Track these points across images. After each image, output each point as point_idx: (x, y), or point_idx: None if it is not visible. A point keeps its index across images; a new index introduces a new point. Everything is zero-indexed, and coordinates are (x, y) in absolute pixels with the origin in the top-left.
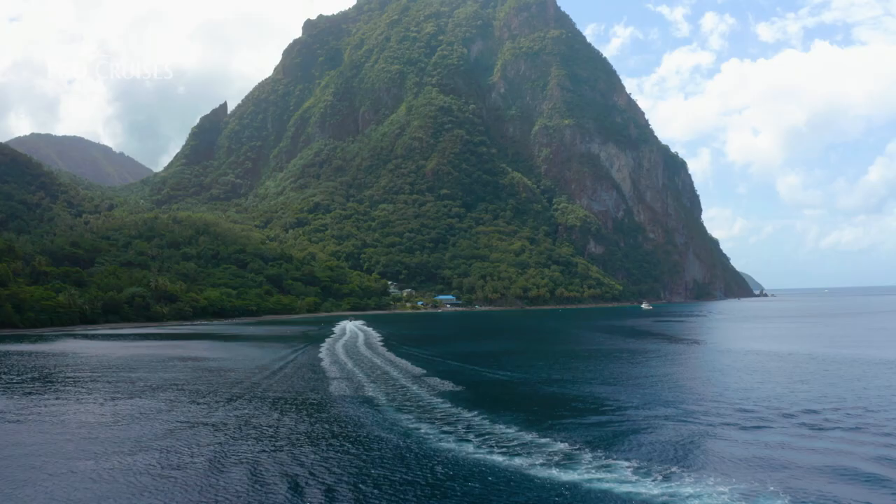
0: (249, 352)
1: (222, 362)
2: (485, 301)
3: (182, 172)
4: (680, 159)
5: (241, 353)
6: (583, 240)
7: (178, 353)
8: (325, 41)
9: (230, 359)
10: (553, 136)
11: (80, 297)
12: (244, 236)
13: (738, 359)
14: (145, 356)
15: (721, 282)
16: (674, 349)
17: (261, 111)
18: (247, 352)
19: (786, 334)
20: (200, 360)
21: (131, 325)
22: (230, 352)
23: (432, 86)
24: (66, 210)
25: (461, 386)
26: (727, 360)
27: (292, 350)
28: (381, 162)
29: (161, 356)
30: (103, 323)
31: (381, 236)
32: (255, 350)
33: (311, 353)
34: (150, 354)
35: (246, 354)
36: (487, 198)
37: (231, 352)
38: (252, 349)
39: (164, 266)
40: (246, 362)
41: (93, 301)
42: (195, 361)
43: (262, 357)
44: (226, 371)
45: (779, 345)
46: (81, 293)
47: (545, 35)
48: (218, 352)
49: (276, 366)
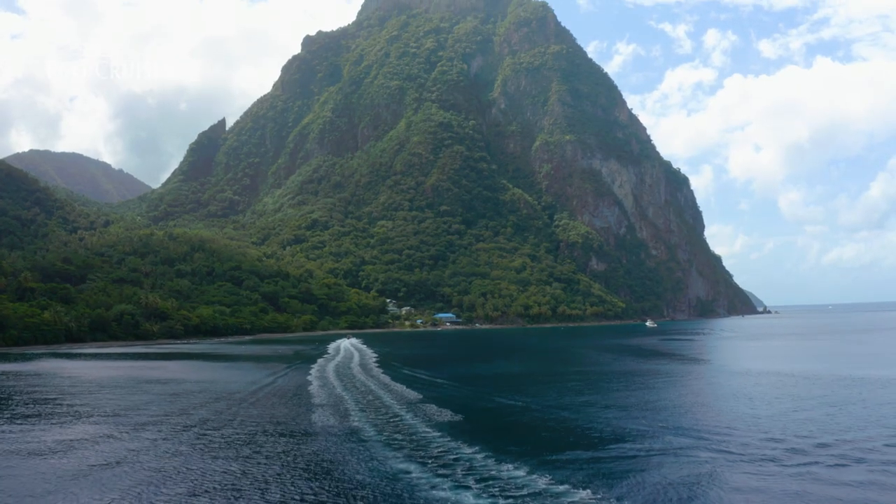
0: (233, 373)
1: (200, 385)
2: (485, 319)
3: (179, 189)
4: (682, 175)
5: (224, 374)
6: (584, 257)
7: (157, 375)
8: (324, 57)
9: (209, 381)
10: (554, 151)
11: (67, 314)
12: (240, 253)
13: (758, 381)
14: (121, 378)
15: (724, 299)
16: (687, 370)
17: (259, 127)
18: (230, 373)
19: (802, 353)
20: (178, 382)
21: (119, 343)
22: (213, 373)
23: (432, 101)
24: (60, 226)
25: (460, 415)
26: (747, 382)
27: (279, 371)
28: (380, 178)
29: (137, 378)
30: (90, 341)
31: (380, 253)
32: (240, 371)
33: (299, 374)
34: (127, 376)
35: (229, 376)
36: (488, 214)
37: (214, 373)
38: (237, 370)
39: (158, 283)
40: (226, 385)
41: (79, 318)
42: (171, 384)
43: (245, 379)
44: (199, 394)
45: (799, 365)
46: (68, 310)
47: (545, 50)
48: (200, 373)
49: (258, 389)
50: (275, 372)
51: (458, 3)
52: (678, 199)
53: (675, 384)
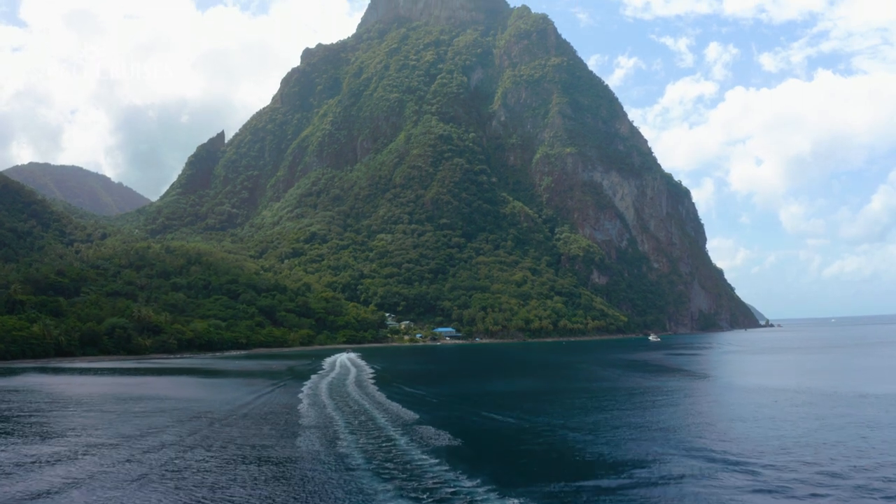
0: (220, 390)
1: (180, 402)
2: (485, 333)
3: (178, 202)
4: (683, 188)
5: (210, 391)
6: (586, 270)
7: (142, 391)
8: (323, 70)
9: (191, 398)
10: (555, 164)
11: (56, 327)
12: (237, 266)
13: (776, 398)
14: (101, 395)
15: (727, 312)
16: (699, 387)
17: (258, 140)
18: (217, 390)
19: (814, 368)
20: (158, 400)
21: (110, 358)
22: (197, 390)
23: (432, 114)
24: (57, 239)
25: (460, 439)
26: (764, 400)
27: (269, 388)
28: (379, 191)
29: (118, 395)
30: (80, 356)
31: (379, 267)
32: (228, 388)
33: (289, 392)
34: (109, 393)
35: (214, 393)
36: (488, 227)
37: (198, 390)
38: (224, 387)
39: (152, 296)
40: (208, 402)
41: (69, 332)
42: (151, 401)
43: (231, 396)
44: (175, 412)
45: (814, 380)
46: (58, 324)
47: (546, 63)
48: (184, 389)
49: (242, 407)
50: (264, 389)
51: (458, 15)
52: (680, 211)
53: (688, 402)
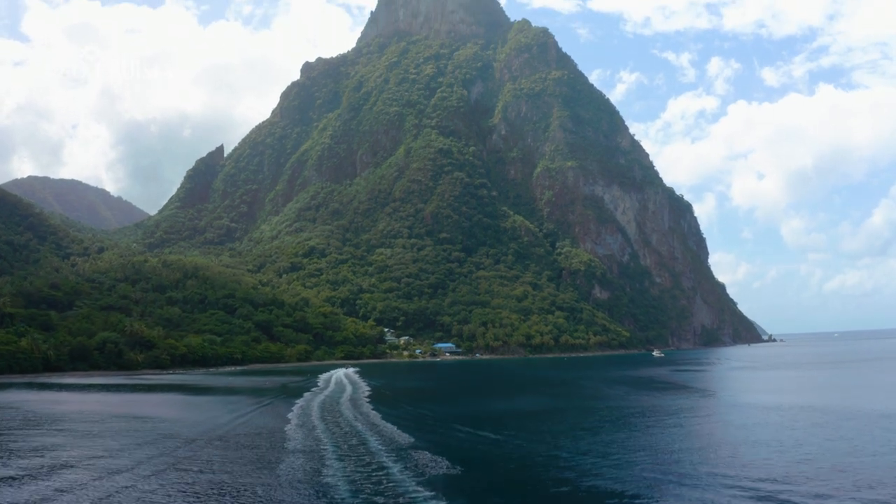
0: (205, 408)
1: (161, 422)
2: (486, 349)
3: (176, 216)
4: (685, 201)
5: (195, 409)
6: (587, 285)
7: (123, 410)
8: (323, 84)
9: (173, 418)
10: (555, 178)
11: (45, 342)
12: (234, 281)
13: (796, 418)
14: (82, 412)
15: (729, 327)
16: (712, 406)
17: (257, 154)
18: (203, 408)
19: (827, 384)
20: (139, 419)
21: (101, 373)
22: (185, 408)
23: (431, 128)
24: (53, 252)
25: (459, 466)
26: (783, 420)
27: (258, 406)
28: (378, 205)
29: (98, 413)
30: (70, 371)
31: (378, 281)
32: (215, 405)
33: (278, 410)
34: (89, 410)
35: (198, 411)
36: (488, 242)
37: (186, 408)
38: (211, 404)
39: (147, 311)
40: (189, 422)
41: (59, 346)
42: (130, 420)
43: (215, 415)
44: (154, 432)
45: (831, 398)
46: (47, 338)
47: (546, 76)
48: (169, 408)
49: (224, 428)
50: (249, 408)
51: (459, 29)
52: (682, 225)
53: (703, 423)
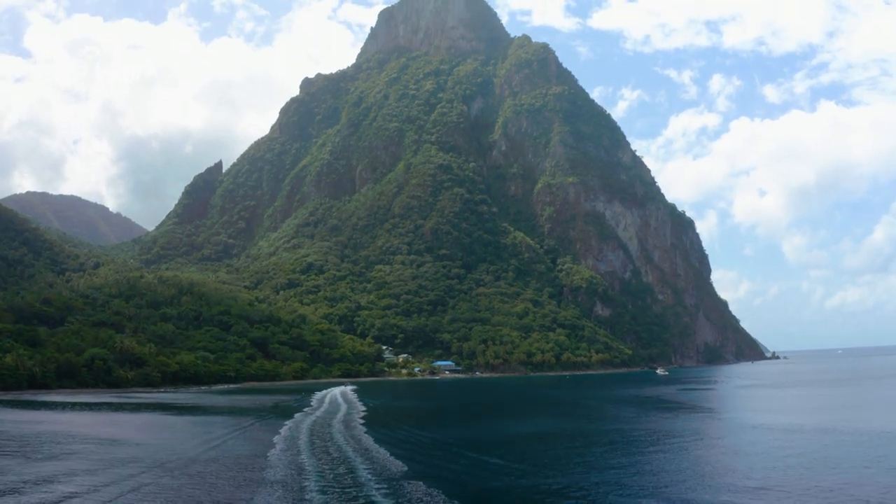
0: (187, 429)
1: (135, 445)
2: (486, 367)
3: (173, 231)
4: (687, 217)
5: (176, 431)
6: (589, 302)
7: (96, 432)
8: (322, 99)
9: (148, 441)
10: (556, 194)
11: (31, 358)
12: (230, 297)
13: (823, 441)
14: (54, 434)
15: (732, 344)
16: (730, 428)
17: (256, 170)
18: (184, 429)
19: (844, 403)
20: (109, 441)
21: (89, 391)
22: (163, 429)
23: (431, 143)
24: (48, 267)
25: (457, 501)
26: (809, 443)
27: (243, 427)
28: (377, 221)
29: (69, 434)
30: (57, 388)
31: (377, 298)
32: (198, 427)
33: (265, 432)
34: (61, 432)
35: (179, 433)
36: (489, 258)
37: (163, 429)
38: (195, 426)
39: (140, 327)
40: (166, 444)
41: (45, 363)
42: (99, 443)
43: (196, 438)
44: (118, 457)
45: (853, 419)
46: (33, 354)
47: (547, 91)
48: (148, 429)
49: (202, 453)
50: (235, 429)
51: (459, 45)
52: (684, 242)
53: (727, 446)
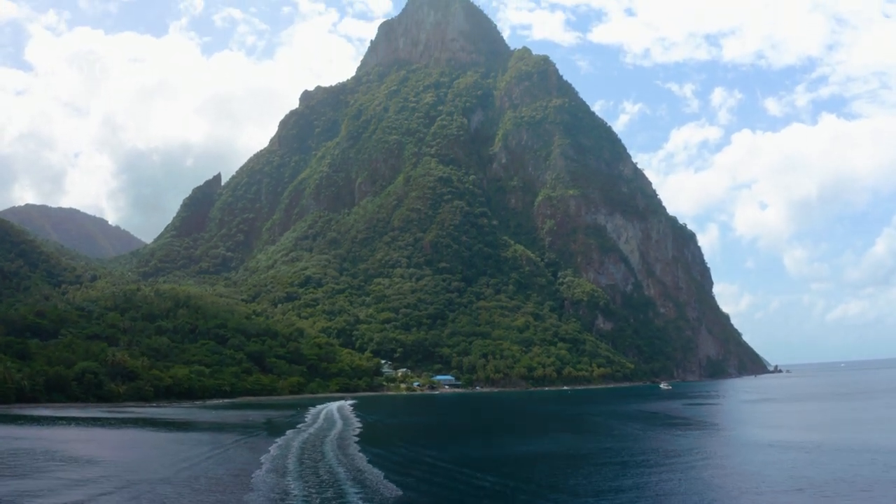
0: (172, 447)
1: (109, 463)
2: (486, 382)
3: (171, 244)
4: (689, 230)
5: (159, 448)
6: (590, 315)
7: (75, 449)
8: (322, 112)
9: (123, 459)
10: (557, 206)
11: (20, 370)
12: (227, 310)
13: (855, 462)
14: (29, 450)
15: (735, 358)
16: (747, 445)
17: (255, 183)
18: (169, 447)
19: (862, 418)
20: (86, 459)
21: (78, 405)
22: (145, 447)
23: (431, 156)
24: (44, 280)
25: None
26: (838, 463)
27: (230, 446)
28: (377, 234)
29: (46, 451)
30: (46, 402)
31: (376, 312)
32: (183, 444)
33: (252, 451)
34: (38, 448)
35: (162, 451)
36: (489, 271)
37: (146, 447)
38: (179, 443)
39: (134, 340)
40: (136, 467)
41: (34, 376)
42: (68, 462)
43: (179, 456)
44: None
45: (877, 436)
46: (22, 367)
47: (547, 104)
48: (129, 448)
49: (178, 472)
50: (224, 446)
51: (459, 58)
52: (685, 255)
53: (743, 467)
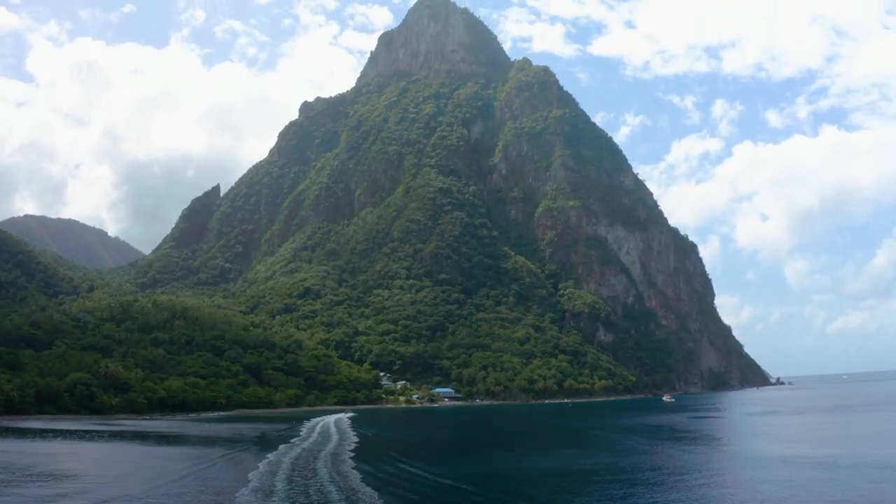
0: (157, 462)
1: (84, 482)
2: (486, 394)
3: (169, 255)
4: (690, 242)
5: (143, 463)
6: (591, 327)
7: (55, 464)
8: (321, 123)
9: (106, 476)
10: (558, 217)
11: (10, 382)
12: (225, 322)
13: (880, 478)
14: (7, 465)
15: (737, 370)
16: (754, 462)
17: (254, 194)
18: (154, 462)
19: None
20: (64, 475)
21: (70, 417)
22: (129, 462)
23: (431, 167)
24: (41, 290)
25: None
26: (859, 481)
27: (217, 461)
28: (376, 245)
29: (25, 466)
30: (36, 413)
31: (375, 324)
32: (170, 459)
33: (238, 467)
34: (17, 463)
35: (145, 466)
36: (489, 283)
37: (130, 462)
38: (165, 458)
39: (129, 351)
40: (120, 484)
41: (24, 387)
42: (51, 477)
43: (162, 472)
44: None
45: None
46: (13, 377)
47: (548, 115)
48: (112, 463)
49: (158, 489)
50: (210, 461)
51: (459, 69)
52: (687, 266)
53: (761, 485)
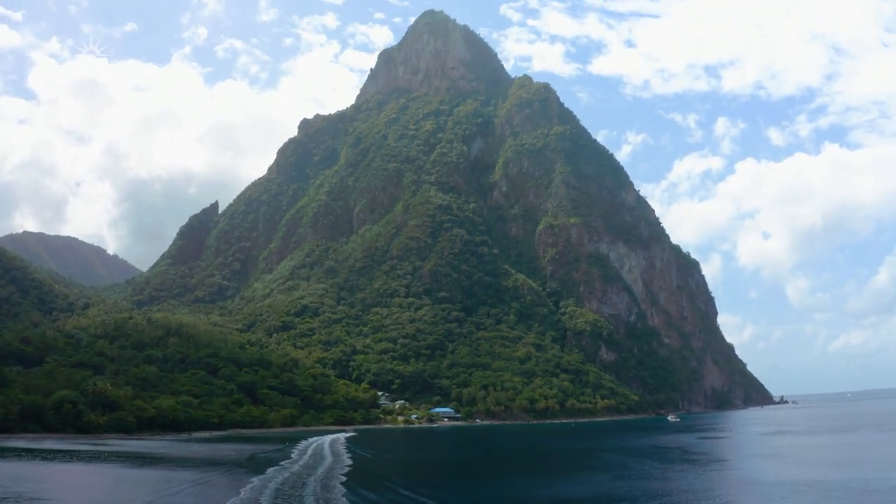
0: (133, 486)
1: None
2: (487, 414)
3: (167, 273)
4: (692, 259)
5: (119, 487)
6: (593, 346)
7: (25, 487)
8: (320, 140)
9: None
10: (559, 235)
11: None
12: (220, 339)
13: None
14: None
15: (740, 389)
16: (779, 486)
17: (252, 211)
18: (130, 486)
19: None
20: (31, 500)
21: (55, 436)
22: (103, 487)
23: (431, 184)
24: (35, 307)
25: None
26: None
27: (198, 485)
28: (375, 263)
29: None
30: (20, 432)
31: (373, 342)
32: (148, 483)
33: (221, 494)
34: None
35: (120, 490)
36: (489, 301)
37: (104, 487)
38: (143, 482)
39: (121, 369)
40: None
41: (7, 405)
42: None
43: (137, 496)
44: None
45: None
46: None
47: (549, 131)
48: (86, 487)
49: None
50: (192, 486)
51: (459, 86)
52: (690, 284)
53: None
